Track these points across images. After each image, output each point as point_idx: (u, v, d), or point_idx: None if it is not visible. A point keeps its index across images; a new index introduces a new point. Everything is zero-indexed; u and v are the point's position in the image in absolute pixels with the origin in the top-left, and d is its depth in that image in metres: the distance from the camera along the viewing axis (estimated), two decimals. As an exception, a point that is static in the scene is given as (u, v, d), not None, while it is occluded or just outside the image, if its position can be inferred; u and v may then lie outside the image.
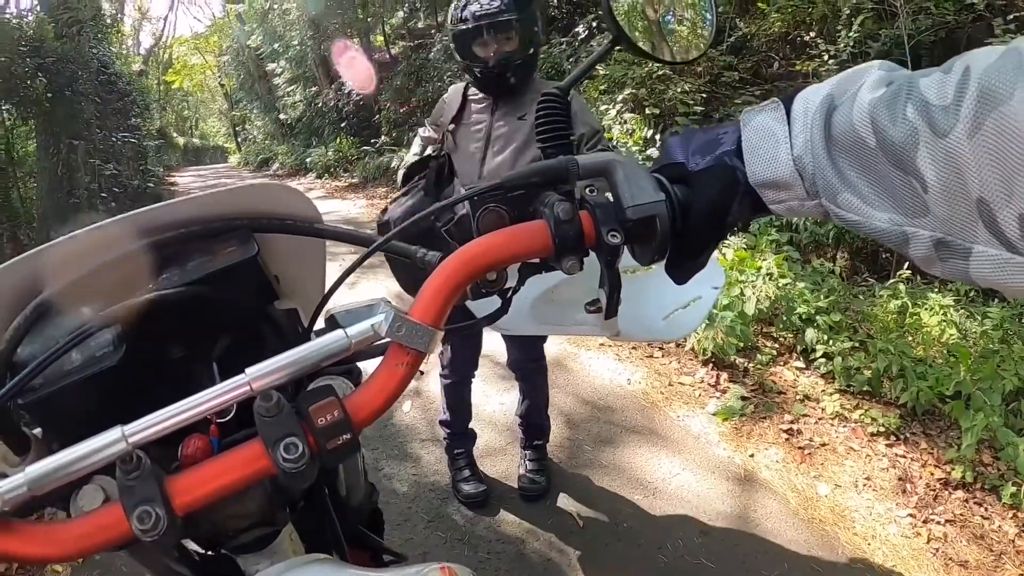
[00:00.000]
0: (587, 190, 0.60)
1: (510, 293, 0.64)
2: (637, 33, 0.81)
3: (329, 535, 0.78)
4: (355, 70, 13.48)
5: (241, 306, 0.66)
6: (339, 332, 0.56)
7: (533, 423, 2.70)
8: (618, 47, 0.77)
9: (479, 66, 2.10)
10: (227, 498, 0.54)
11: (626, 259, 0.60)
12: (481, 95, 2.22)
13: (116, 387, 0.61)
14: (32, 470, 0.50)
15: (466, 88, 2.27)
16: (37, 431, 0.64)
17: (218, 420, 0.59)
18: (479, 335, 2.53)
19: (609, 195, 0.60)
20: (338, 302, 0.66)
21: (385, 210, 2.21)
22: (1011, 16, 4.42)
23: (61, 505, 0.55)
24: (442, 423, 2.67)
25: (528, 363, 2.60)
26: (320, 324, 0.70)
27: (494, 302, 0.65)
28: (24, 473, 0.50)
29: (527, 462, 2.70)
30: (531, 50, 2.11)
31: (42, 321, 0.61)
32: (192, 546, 0.70)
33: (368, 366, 0.63)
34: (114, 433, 0.51)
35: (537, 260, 0.61)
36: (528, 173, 0.60)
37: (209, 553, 0.72)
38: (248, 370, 0.53)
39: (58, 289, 0.60)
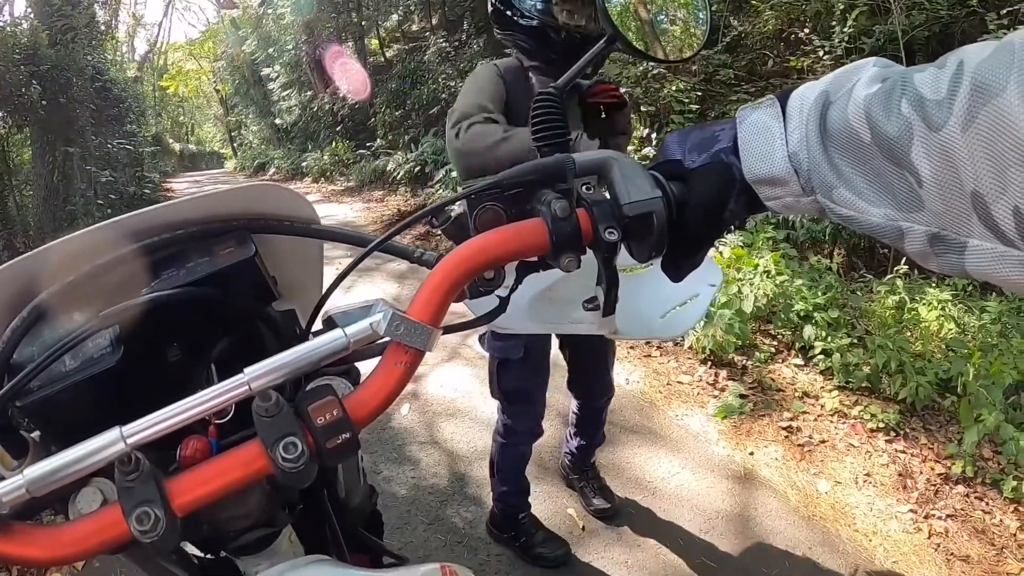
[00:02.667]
0: (583, 187, 0.60)
1: (508, 292, 0.64)
2: (632, 32, 0.81)
3: (329, 537, 0.77)
4: (350, 77, 13.54)
5: (239, 307, 0.65)
6: (337, 331, 0.55)
7: (592, 451, 2.56)
8: (613, 46, 0.77)
9: (573, 31, 1.72)
10: (227, 499, 0.53)
11: (623, 257, 0.60)
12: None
13: (114, 389, 0.60)
14: (31, 471, 0.49)
15: (503, 74, 1.84)
16: (35, 434, 0.64)
17: (217, 421, 0.59)
18: (543, 388, 2.16)
19: (606, 192, 0.60)
20: (335, 304, 0.66)
21: None
22: (1004, 11, 4.43)
23: (60, 508, 0.55)
24: (497, 498, 2.32)
25: (602, 400, 2.39)
26: (318, 325, 0.70)
27: (491, 301, 0.64)
28: (23, 475, 0.49)
29: (592, 482, 2.56)
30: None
31: (40, 323, 0.60)
32: (191, 549, 0.70)
33: (365, 367, 0.63)
34: (112, 434, 0.50)
35: (535, 258, 0.61)
36: (525, 170, 0.59)
37: (208, 556, 0.71)
38: (246, 370, 0.53)
39: (55, 291, 0.59)
